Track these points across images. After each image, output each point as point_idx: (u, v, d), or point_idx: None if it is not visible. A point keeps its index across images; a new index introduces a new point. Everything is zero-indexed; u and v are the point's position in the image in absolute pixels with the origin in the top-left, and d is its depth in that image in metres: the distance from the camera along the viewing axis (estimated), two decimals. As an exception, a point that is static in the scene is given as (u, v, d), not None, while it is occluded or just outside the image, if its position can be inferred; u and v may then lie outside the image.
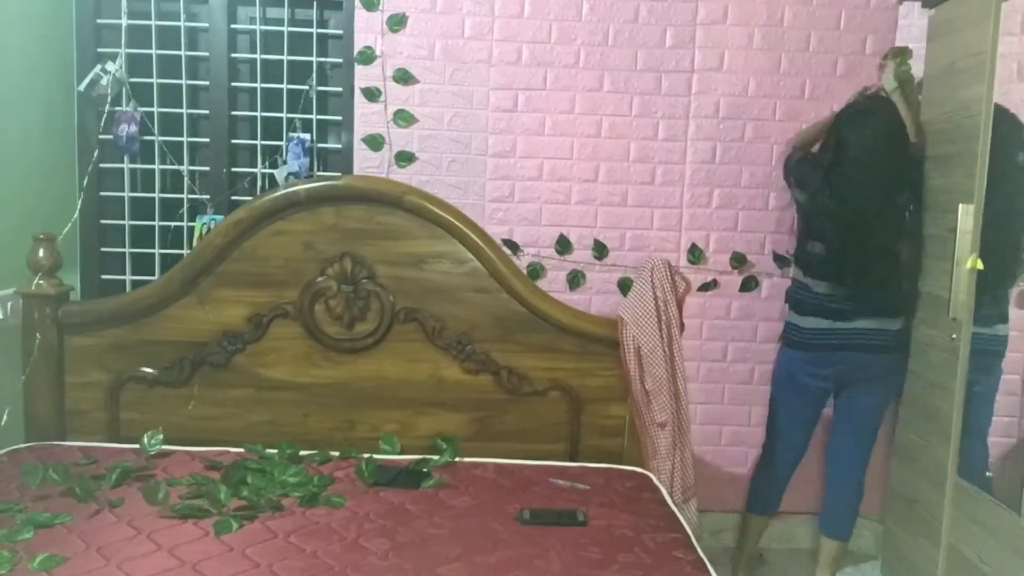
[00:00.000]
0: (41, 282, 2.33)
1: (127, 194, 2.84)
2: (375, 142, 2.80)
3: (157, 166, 2.84)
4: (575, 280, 2.85)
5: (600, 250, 2.85)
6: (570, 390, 2.42)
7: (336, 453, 2.31)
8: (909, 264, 2.66)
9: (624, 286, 2.85)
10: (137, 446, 2.23)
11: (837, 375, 2.63)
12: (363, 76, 2.78)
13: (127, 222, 2.85)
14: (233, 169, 2.87)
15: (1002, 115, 2.35)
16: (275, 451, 2.26)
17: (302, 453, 2.28)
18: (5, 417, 2.28)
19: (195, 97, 2.87)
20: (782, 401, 2.79)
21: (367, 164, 2.81)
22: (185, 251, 2.78)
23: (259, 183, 2.86)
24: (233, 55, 2.83)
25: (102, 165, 2.82)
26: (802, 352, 2.66)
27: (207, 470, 2.13)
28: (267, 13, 2.85)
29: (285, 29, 2.82)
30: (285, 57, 2.83)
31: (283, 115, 2.84)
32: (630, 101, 2.83)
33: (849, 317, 2.57)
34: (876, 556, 2.92)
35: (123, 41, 2.76)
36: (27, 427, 2.35)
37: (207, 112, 2.84)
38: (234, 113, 2.86)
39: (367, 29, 2.77)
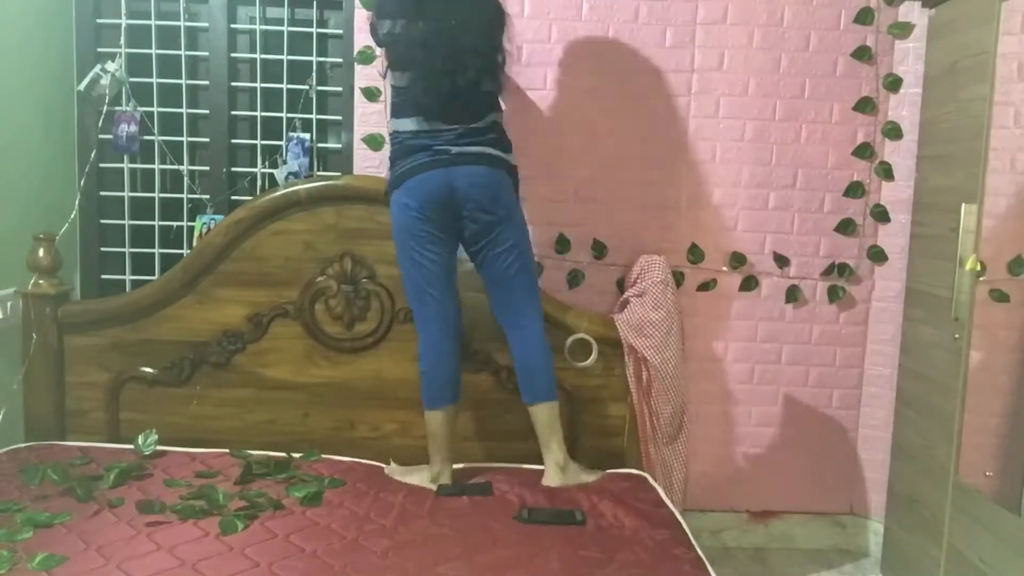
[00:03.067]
0: (41, 282, 2.33)
1: (127, 194, 2.84)
2: (375, 142, 2.80)
3: (157, 166, 2.84)
4: (574, 279, 2.85)
5: (599, 250, 2.84)
6: (569, 390, 2.42)
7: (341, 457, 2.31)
8: None
9: (624, 286, 2.85)
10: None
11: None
12: (363, 76, 2.78)
13: (127, 222, 2.85)
14: (233, 169, 2.87)
15: None
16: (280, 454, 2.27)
17: (295, 455, 2.29)
18: (2, 414, 2.27)
19: (195, 97, 2.87)
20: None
21: (367, 164, 2.81)
22: (185, 251, 2.78)
23: (259, 183, 2.86)
24: (233, 55, 2.83)
25: (102, 165, 2.82)
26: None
27: (206, 471, 2.14)
28: (267, 13, 2.85)
29: (285, 29, 2.82)
30: (285, 57, 2.83)
31: (283, 115, 2.84)
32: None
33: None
34: (876, 556, 2.91)
35: (123, 41, 2.76)
36: (27, 427, 2.36)
37: (207, 112, 2.84)
38: (234, 113, 2.86)
39: (367, 29, 2.76)
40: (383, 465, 2.29)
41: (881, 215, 2.89)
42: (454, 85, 2.10)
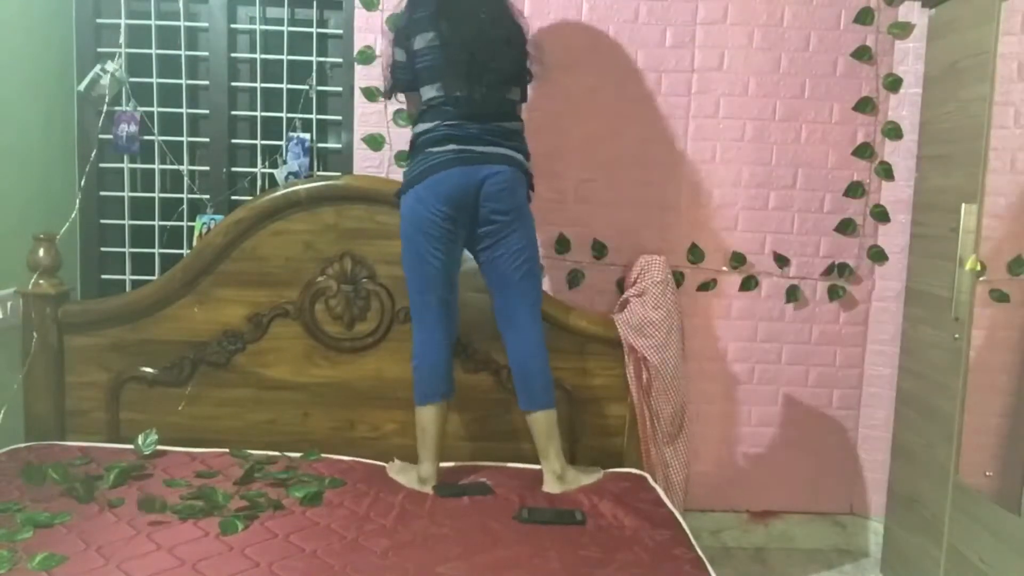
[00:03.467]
0: (41, 282, 2.33)
1: (127, 194, 2.84)
2: (375, 142, 2.80)
3: (157, 166, 2.84)
4: (574, 279, 2.85)
5: (599, 250, 2.84)
6: (569, 390, 2.42)
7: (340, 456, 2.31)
8: None
9: (624, 286, 2.85)
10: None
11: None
12: (363, 76, 2.78)
13: (127, 222, 2.85)
14: (233, 169, 2.87)
15: None
16: (278, 453, 2.27)
17: (292, 455, 2.28)
18: (2, 414, 2.27)
19: (195, 97, 2.87)
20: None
21: (367, 164, 2.81)
22: (185, 251, 2.78)
23: (259, 183, 2.86)
24: (233, 55, 2.83)
25: (102, 165, 2.82)
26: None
27: (206, 471, 2.13)
28: (267, 13, 2.85)
29: (285, 29, 2.82)
30: (285, 57, 2.83)
31: (283, 115, 2.84)
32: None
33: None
34: (876, 556, 2.91)
35: (123, 41, 2.76)
36: (27, 427, 2.36)
37: (207, 112, 2.84)
38: (234, 113, 2.86)
39: (367, 29, 2.76)
40: (383, 464, 2.29)
41: (881, 215, 2.89)
42: (484, 76, 2.13)
